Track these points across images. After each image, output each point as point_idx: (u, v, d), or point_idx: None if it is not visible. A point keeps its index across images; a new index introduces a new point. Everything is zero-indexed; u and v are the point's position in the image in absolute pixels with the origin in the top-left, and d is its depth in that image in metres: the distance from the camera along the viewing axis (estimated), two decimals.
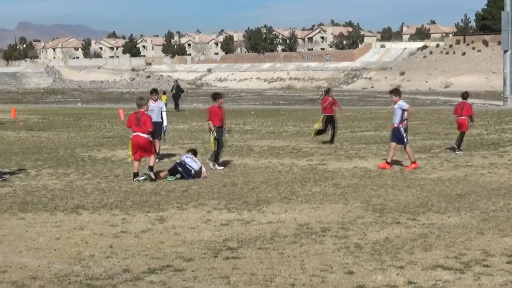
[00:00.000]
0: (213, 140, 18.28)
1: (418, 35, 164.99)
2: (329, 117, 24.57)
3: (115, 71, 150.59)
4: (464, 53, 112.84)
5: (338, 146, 23.49)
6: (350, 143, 24.47)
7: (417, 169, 17.50)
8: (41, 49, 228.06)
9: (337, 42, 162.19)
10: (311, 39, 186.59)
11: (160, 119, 20.12)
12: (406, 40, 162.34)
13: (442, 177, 16.18)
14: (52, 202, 13.47)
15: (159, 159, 19.12)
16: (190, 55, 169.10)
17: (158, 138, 19.43)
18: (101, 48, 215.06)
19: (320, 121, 24.78)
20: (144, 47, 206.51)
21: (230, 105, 52.04)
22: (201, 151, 20.97)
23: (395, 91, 18.67)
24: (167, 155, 21.44)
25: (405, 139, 18.07)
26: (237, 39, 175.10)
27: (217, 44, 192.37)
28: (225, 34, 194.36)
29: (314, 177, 16.48)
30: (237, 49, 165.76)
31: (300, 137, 26.99)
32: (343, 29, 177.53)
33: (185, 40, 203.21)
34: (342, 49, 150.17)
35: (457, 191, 14.35)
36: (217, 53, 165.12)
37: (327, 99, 24.74)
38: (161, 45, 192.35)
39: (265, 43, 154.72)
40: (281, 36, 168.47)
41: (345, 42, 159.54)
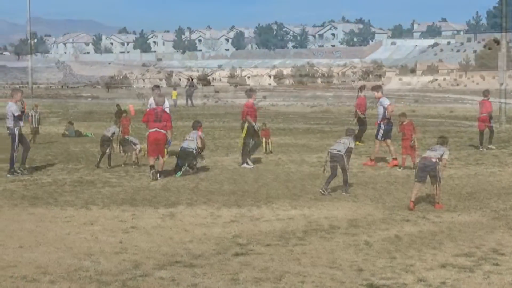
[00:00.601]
0: (256, 130, 17.80)
1: (429, 32, 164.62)
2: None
3: (126, 66, 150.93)
4: (475, 51, 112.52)
5: None
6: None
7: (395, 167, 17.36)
8: (52, 44, 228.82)
9: (347, 39, 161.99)
10: (321, 35, 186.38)
11: None
12: (417, 37, 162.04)
13: (452, 175, 16.09)
14: (62, 197, 13.50)
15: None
16: (200, 51, 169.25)
17: None
18: (111, 43, 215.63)
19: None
20: (154, 42, 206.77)
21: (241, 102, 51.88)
22: (211, 147, 20.96)
23: (377, 87, 18.50)
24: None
25: (379, 135, 17.92)
26: (247, 35, 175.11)
27: (227, 40, 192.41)
28: (236, 30, 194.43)
29: (323, 174, 16.38)
30: (247, 45, 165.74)
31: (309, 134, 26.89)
32: (354, 26, 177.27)
33: (196, 36, 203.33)
34: (352, 46, 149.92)
35: (467, 189, 14.30)
36: (227, 49, 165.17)
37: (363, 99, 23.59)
38: (171, 41, 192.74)
39: (276, 39, 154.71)
40: (291, 32, 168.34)
41: (355, 39, 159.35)
